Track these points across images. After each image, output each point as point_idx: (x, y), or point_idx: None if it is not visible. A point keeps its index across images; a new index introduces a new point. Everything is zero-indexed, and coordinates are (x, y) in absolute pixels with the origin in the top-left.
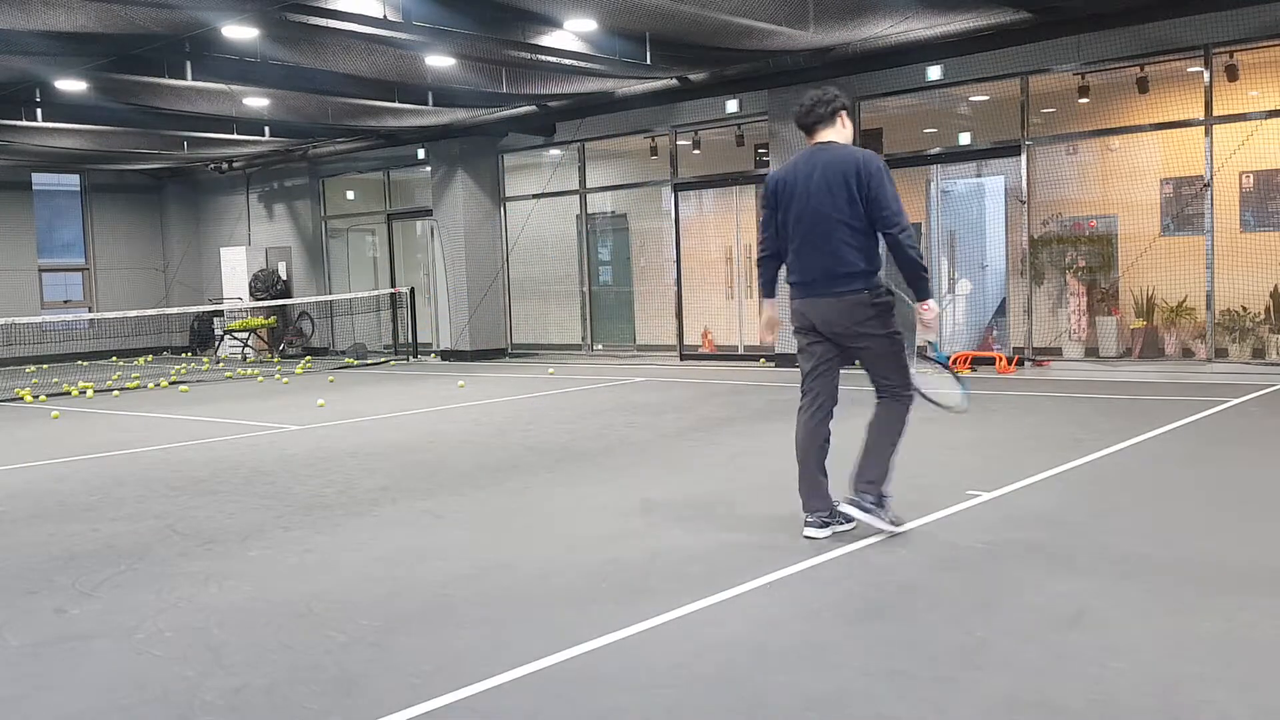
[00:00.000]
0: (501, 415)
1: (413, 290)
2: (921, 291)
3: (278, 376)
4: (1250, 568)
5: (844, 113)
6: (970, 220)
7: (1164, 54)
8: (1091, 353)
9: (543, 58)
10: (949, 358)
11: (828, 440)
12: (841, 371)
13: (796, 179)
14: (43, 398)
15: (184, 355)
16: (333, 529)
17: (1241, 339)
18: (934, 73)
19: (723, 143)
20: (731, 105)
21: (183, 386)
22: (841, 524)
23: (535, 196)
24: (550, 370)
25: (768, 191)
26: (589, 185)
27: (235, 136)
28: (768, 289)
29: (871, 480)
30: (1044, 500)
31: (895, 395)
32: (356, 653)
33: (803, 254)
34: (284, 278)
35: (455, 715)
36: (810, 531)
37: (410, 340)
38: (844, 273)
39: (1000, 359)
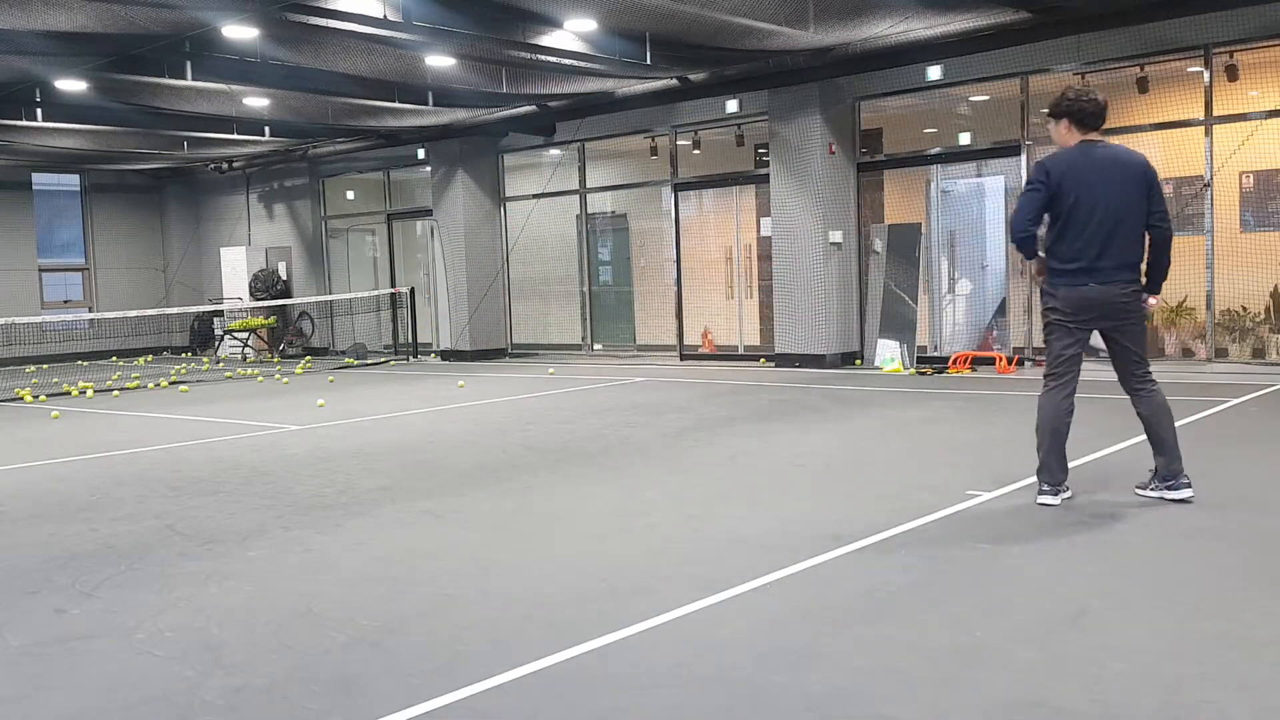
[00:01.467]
0: (501, 415)
1: (413, 290)
2: (1162, 286)
3: (278, 376)
4: (1251, 568)
5: None
6: (970, 220)
7: (1164, 54)
8: (1092, 353)
9: (543, 58)
10: None
11: (1071, 413)
12: None
13: (1084, 172)
14: (43, 398)
15: (184, 355)
16: (333, 529)
17: (1241, 339)
18: (934, 73)
19: (723, 143)
20: (731, 105)
21: (183, 386)
22: (1067, 492)
23: (535, 196)
24: (550, 370)
25: (1049, 179)
26: (589, 185)
27: (235, 136)
28: (1035, 252)
29: (1177, 459)
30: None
31: (1150, 382)
32: (356, 653)
33: (1094, 244)
34: (284, 278)
35: (455, 715)
36: (1047, 499)
37: (410, 340)
38: (1132, 263)
39: (1000, 359)
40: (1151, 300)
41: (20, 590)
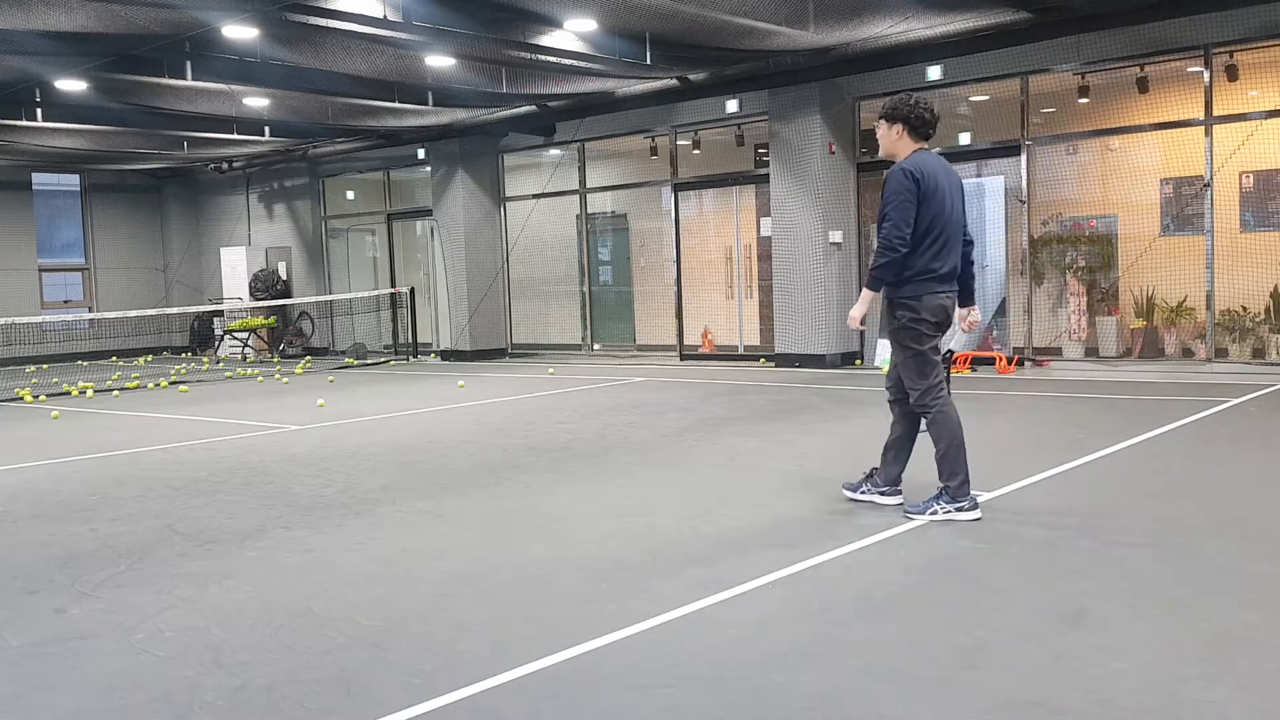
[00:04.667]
0: (501, 415)
1: (413, 290)
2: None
3: (278, 376)
4: (1251, 567)
5: None
6: (970, 220)
7: (1164, 54)
8: (1091, 353)
9: (543, 58)
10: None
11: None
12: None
13: (938, 177)
14: (43, 398)
15: (184, 355)
16: (333, 529)
17: (1241, 339)
18: (934, 73)
19: (723, 143)
20: (731, 105)
21: (183, 386)
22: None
23: (535, 196)
24: (550, 370)
25: (918, 187)
26: (589, 185)
27: (235, 136)
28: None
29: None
30: (1044, 500)
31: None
32: (356, 653)
33: (948, 251)
34: (284, 278)
35: (456, 715)
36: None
37: (410, 340)
38: (962, 272)
39: (1000, 359)
40: (976, 312)
41: (20, 590)
